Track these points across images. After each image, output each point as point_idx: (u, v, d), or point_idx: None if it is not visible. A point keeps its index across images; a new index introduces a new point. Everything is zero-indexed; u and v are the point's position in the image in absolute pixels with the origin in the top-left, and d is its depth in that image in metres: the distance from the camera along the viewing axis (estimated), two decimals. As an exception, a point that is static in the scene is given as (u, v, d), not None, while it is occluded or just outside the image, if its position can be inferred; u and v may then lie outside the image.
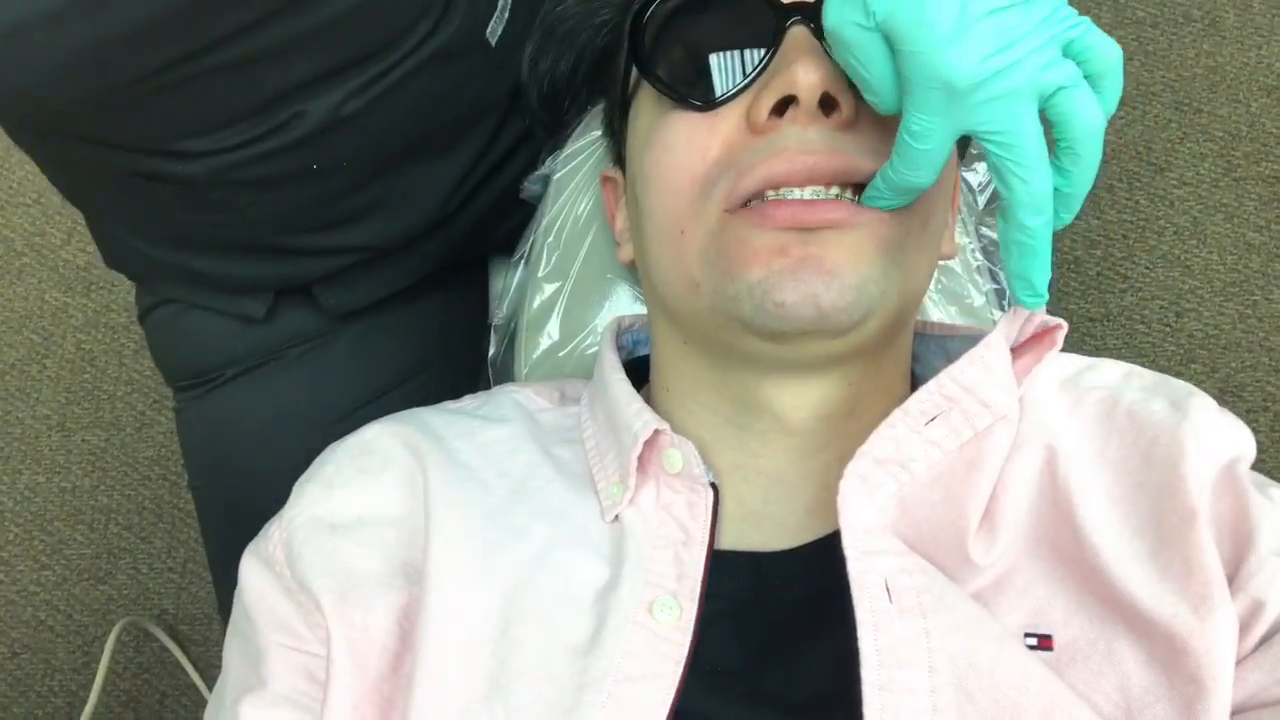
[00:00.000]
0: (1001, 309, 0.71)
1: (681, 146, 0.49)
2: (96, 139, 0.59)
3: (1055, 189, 0.42)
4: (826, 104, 0.47)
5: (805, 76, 0.45)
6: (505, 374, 0.75)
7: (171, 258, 0.70)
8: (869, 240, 0.47)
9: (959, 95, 0.41)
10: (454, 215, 0.73)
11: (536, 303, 0.72)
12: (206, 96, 0.56)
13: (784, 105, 0.47)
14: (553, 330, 0.71)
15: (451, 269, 0.79)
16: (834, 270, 0.45)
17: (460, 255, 0.78)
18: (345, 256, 0.70)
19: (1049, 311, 0.50)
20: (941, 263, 0.67)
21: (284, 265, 0.69)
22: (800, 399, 0.50)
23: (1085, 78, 0.42)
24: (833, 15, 0.43)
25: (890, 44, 0.42)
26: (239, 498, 0.75)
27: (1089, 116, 0.41)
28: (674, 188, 0.49)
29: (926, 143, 0.42)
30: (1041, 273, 0.44)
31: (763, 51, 0.48)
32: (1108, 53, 0.42)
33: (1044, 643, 0.44)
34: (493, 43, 0.65)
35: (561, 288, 0.71)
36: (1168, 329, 1.23)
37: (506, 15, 0.65)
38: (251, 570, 0.50)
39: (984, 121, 0.41)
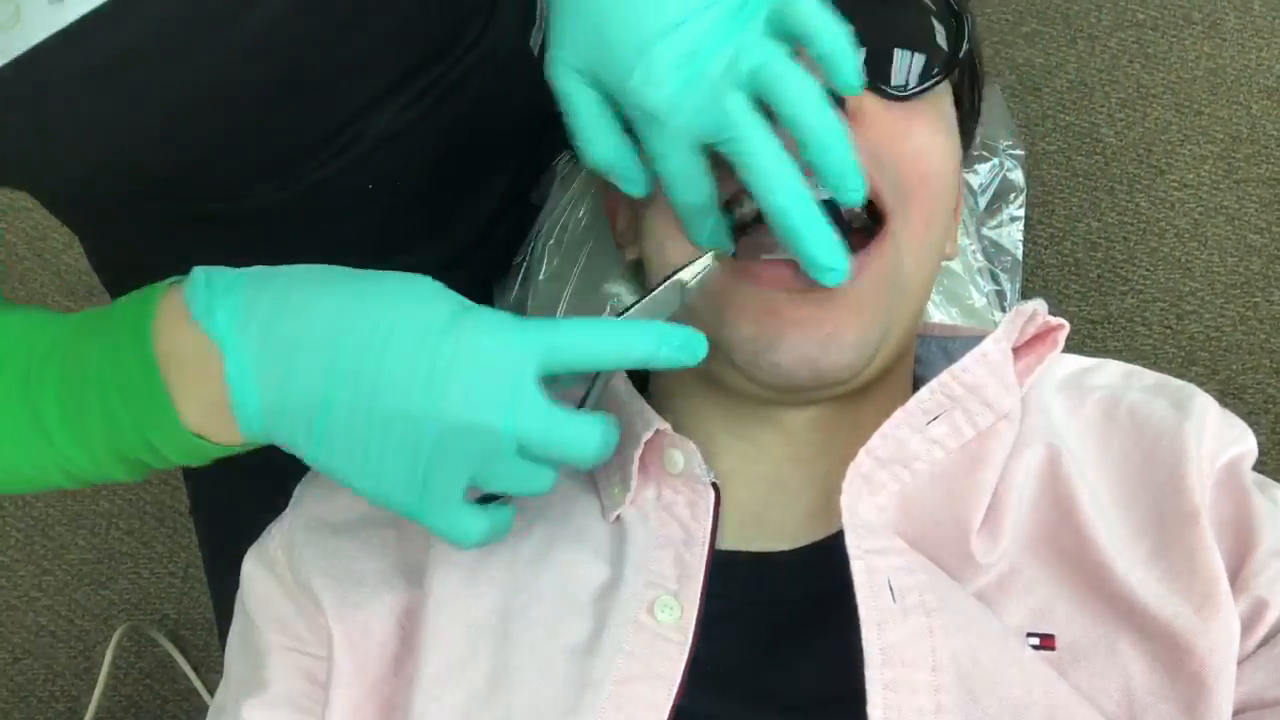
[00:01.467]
0: (1003, 310, 0.71)
1: None
2: (159, 197, 0.56)
3: (811, 161, 0.41)
4: None
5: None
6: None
7: None
8: (867, 293, 0.46)
9: (666, 120, 0.42)
10: (488, 237, 0.71)
11: (539, 306, 0.72)
12: (283, 130, 0.54)
13: None
14: (554, 333, 0.71)
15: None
16: (832, 333, 0.45)
17: (484, 278, 0.77)
18: None
19: (1050, 313, 0.50)
20: (943, 264, 0.67)
21: None
22: (800, 417, 0.51)
23: (818, 58, 0.41)
24: (547, 72, 0.45)
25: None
26: (235, 513, 0.74)
27: (795, 84, 0.41)
28: None
29: (668, 162, 0.43)
30: (823, 247, 0.42)
31: None
32: (823, 28, 0.41)
33: (1046, 642, 0.43)
34: (535, 52, 0.64)
35: (563, 290, 0.71)
36: (1168, 331, 1.23)
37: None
38: (253, 572, 0.50)
39: (702, 132, 0.42)
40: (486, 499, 0.43)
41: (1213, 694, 0.40)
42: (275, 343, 0.40)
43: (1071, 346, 0.51)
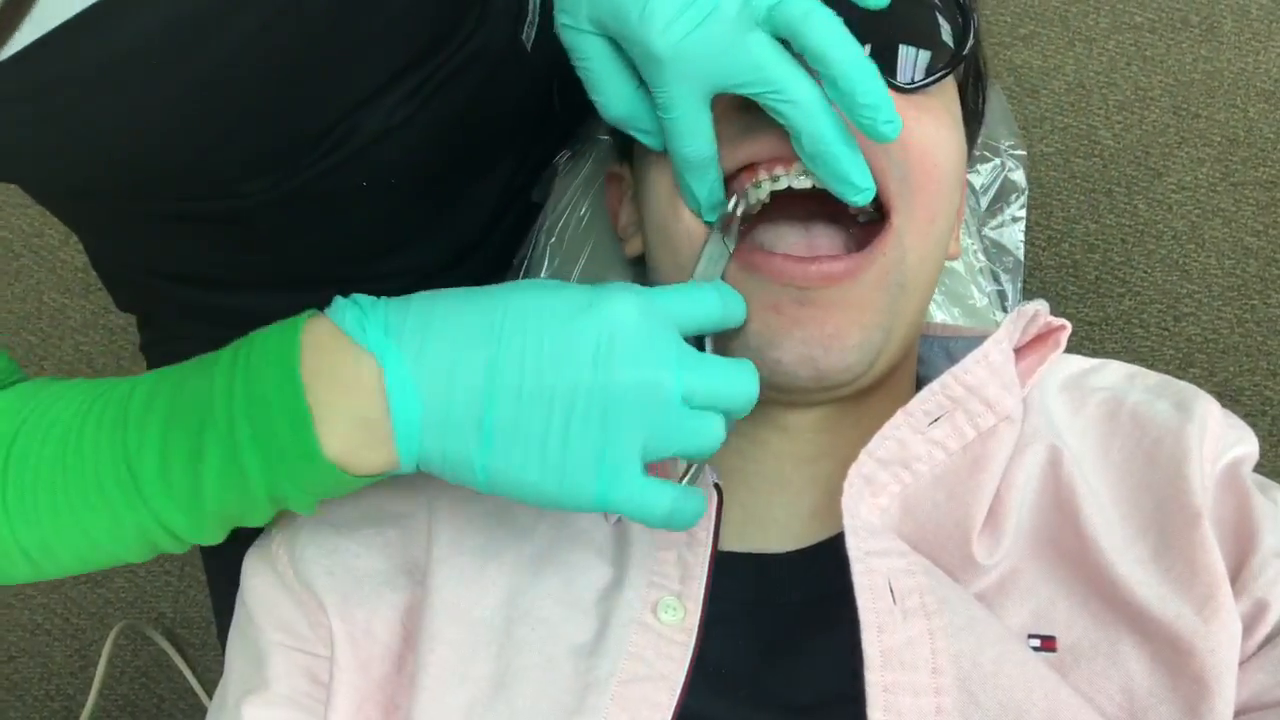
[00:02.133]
0: (1004, 311, 0.71)
1: None
2: (157, 192, 0.56)
3: (842, 97, 0.41)
4: None
5: None
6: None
7: (205, 298, 0.66)
8: (870, 291, 0.46)
9: (671, 61, 0.41)
10: (487, 238, 0.71)
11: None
12: (279, 124, 0.53)
13: None
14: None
15: None
16: (834, 333, 0.45)
17: (485, 277, 0.77)
18: (389, 283, 0.68)
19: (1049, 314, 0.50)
20: (945, 264, 0.67)
21: (326, 296, 0.68)
22: (803, 418, 0.51)
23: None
24: (557, 25, 0.45)
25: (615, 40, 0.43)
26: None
27: (821, 19, 0.40)
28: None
29: (673, 111, 0.42)
30: (858, 170, 0.43)
31: None
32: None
33: (1047, 644, 0.43)
34: (528, 47, 0.64)
35: (564, 289, 0.71)
36: (1166, 333, 1.23)
37: (537, 20, 0.64)
38: (254, 571, 0.50)
39: (719, 76, 0.41)
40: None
41: (1214, 695, 0.40)
42: (431, 347, 0.40)
43: (1069, 348, 0.52)
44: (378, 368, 0.39)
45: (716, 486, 0.49)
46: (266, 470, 0.40)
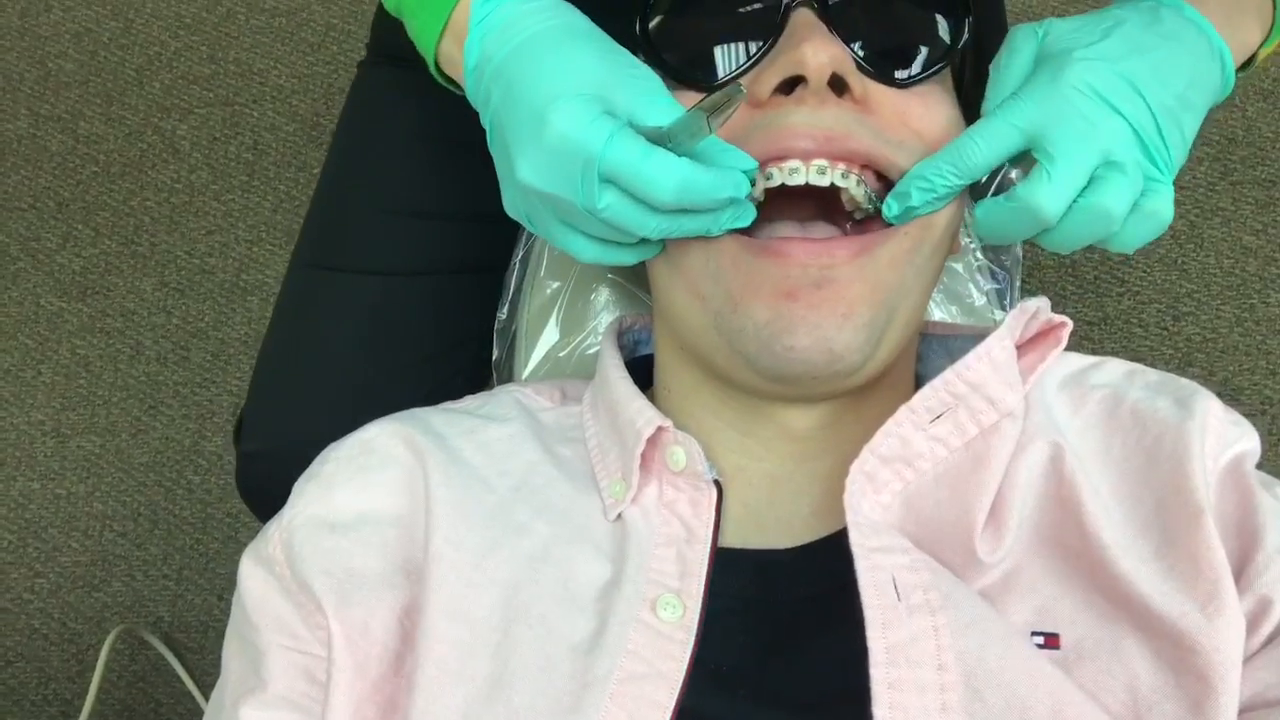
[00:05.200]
0: (1003, 309, 0.71)
1: None
2: None
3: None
4: (836, 85, 0.46)
5: (814, 56, 0.45)
6: (507, 375, 0.75)
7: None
8: (886, 269, 0.46)
9: (1061, 75, 0.45)
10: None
11: (536, 302, 0.71)
12: None
13: (789, 86, 0.47)
14: (553, 330, 0.71)
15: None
16: (849, 310, 0.45)
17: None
18: None
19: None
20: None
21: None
22: (804, 416, 0.50)
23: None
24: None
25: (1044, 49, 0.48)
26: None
27: (1108, 198, 0.45)
28: None
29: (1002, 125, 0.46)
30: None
31: (768, 33, 0.48)
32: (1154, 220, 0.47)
33: (1051, 641, 0.43)
34: None
35: (561, 287, 0.71)
36: (1165, 332, 1.23)
37: None
38: (251, 572, 0.50)
39: (1054, 112, 0.45)
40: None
41: (1219, 693, 0.40)
42: (490, 43, 0.50)
43: (1068, 348, 0.51)
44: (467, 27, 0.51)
45: (716, 483, 0.48)
46: (409, 17, 0.55)
